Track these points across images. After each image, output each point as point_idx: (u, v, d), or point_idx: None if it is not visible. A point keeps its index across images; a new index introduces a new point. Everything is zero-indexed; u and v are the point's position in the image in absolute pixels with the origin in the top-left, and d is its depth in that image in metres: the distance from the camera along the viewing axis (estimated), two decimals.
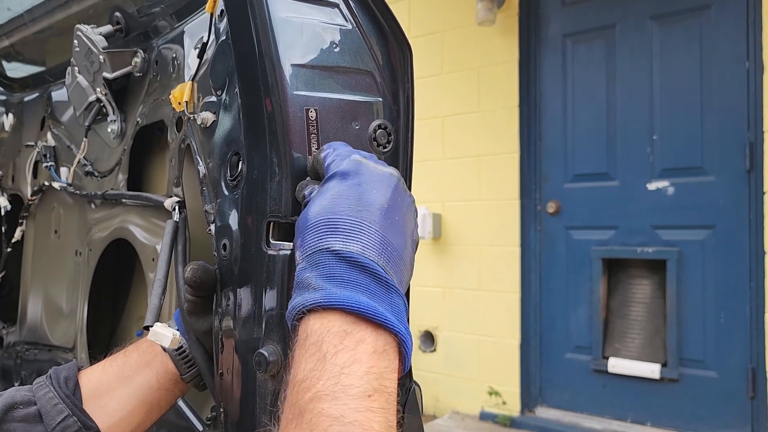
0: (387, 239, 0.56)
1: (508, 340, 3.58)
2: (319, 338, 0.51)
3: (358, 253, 0.54)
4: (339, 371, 0.49)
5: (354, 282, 0.53)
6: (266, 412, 0.67)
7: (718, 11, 3.03)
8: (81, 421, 0.70)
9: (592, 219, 3.39)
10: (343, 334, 0.51)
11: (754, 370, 2.93)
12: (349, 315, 0.52)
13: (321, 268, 0.54)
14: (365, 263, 0.54)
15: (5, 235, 1.62)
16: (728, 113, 3.01)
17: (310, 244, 0.55)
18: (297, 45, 0.66)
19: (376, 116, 0.70)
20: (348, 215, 0.56)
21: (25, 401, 0.70)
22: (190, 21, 0.97)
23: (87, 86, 1.16)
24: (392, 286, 0.55)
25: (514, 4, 3.53)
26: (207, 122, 0.78)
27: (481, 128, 3.66)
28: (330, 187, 0.59)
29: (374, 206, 0.57)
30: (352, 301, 0.52)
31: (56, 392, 0.71)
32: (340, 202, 0.57)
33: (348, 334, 0.51)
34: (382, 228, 0.56)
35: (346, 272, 0.53)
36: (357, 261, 0.54)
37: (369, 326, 0.52)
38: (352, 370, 0.49)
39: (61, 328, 1.40)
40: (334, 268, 0.54)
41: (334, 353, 0.50)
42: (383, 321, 0.52)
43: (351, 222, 0.55)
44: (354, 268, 0.54)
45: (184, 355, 0.78)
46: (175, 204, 0.89)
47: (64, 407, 0.70)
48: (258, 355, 0.65)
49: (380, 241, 0.56)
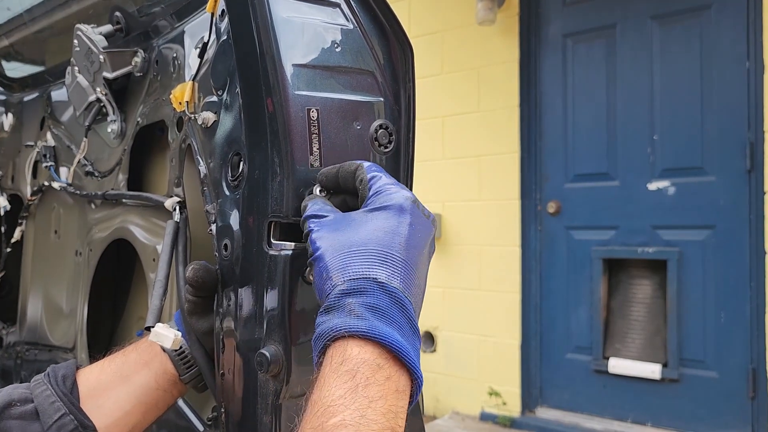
0: (420, 284, 0.58)
1: (508, 340, 3.58)
2: (354, 367, 0.52)
3: (399, 291, 0.55)
4: (367, 404, 0.50)
5: (393, 319, 0.54)
6: (267, 412, 0.67)
7: (719, 11, 3.03)
8: (78, 419, 0.70)
9: (592, 219, 3.38)
10: (376, 368, 0.52)
11: (754, 371, 2.93)
12: (384, 350, 0.53)
13: (365, 297, 0.54)
14: (404, 302, 0.55)
15: (5, 235, 1.61)
16: (728, 113, 3.01)
17: (357, 270, 0.56)
18: (298, 45, 0.66)
19: (378, 116, 0.70)
20: (398, 252, 0.57)
21: (23, 399, 0.70)
22: (191, 21, 0.97)
23: (87, 86, 1.16)
24: (417, 330, 0.57)
25: (515, 4, 3.53)
26: (208, 122, 0.78)
27: (481, 128, 3.66)
28: (383, 217, 0.59)
29: (418, 250, 0.59)
30: (393, 338, 0.53)
31: (54, 390, 0.71)
32: (394, 238, 0.57)
33: (380, 368, 0.52)
34: (419, 272, 0.58)
35: (388, 307, 0.54)
36: (398, 298, 0.55)
37: (396, 364, 0.54)
38: (378, 405, 0.50)
39: (61, 328, 1.39)
40: (379, 300, 0.54)
41: (365, 385, 0.51)
42: (409, 363, 0.54)
43: (400, 259, 0.57)
44: (395, 305, 0.55)
45: (184, 356, 0.78)
46: (175, 204, 0.89)
47: (61, 405, 0.70)
48: (259, 355, 0.64)
49: (416, 284, 0.57)
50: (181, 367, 0.78)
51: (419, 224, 0.60)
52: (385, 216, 0.59)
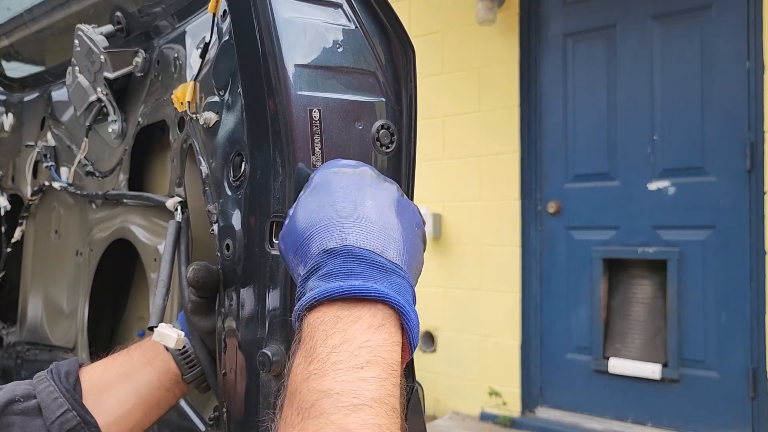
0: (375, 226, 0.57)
1: (508, 340, 3.58)
2: (312, 329, 0.52)
3: (353, 245, 0.55)
4: (329, 352, 0.50)
5: (348, 272, 0.54)
6: (269, 411, 0.67)
7: (719, 11, 3.03)
8: (80, 415, 0.70)
9: (592, 219, 3.38)
10: (335, 320, 0.52)
11: (754, 371, 2.93)
12: (344, 302, 0.53)
13: (319, 270, 0.55)
14: (359, 253, 0.55)
15: (5, 235, 1.61)
16: (729, 113, 3.01)
17: (305, 253, 0.57)
18: (300, 45, 0.66)
19: (379, 116, 0.70)
20: (328, 217, 0.57)
21: (26, 395, 0.70)
22: (192, 21, 0.97)
23: (88, 86, 1.16)
24: (390, 269, 0.55)
25: (515, 4, 3.53)
26: (210, 122, 0.78)
27: (481, 128, 3.66)
28: (300, 200, 0.61)
29: (352, 201, 0.59)
30: (344, 287, 0.53)
31: (56, 386, 0.71)
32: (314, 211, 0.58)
33: (341, 318, 0.52)
34: (367, 217, 0.58)
35: (341, 266, 0.54)
36: (352, 253, 0.55)
37: (365, 306, 0.53)
38: (342, 348, 0.50)
39: (62, 328, 1.39)
40: (331, 266, 0.54)
41: (324, 338, 0.51)
42: (377, 296, 0.53)
43: (333, 221, 0.57)
44: (349, 260, 0.54)
45: (187, 356, 0.78)
46: (177, 204, 0.89)
47: (63, 401, 0.70)
48: (261, 355, 0.65)
49: (369, 229, 0.57)
50: (184, 367, 0.78)
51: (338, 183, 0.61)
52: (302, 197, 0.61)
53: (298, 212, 0.60)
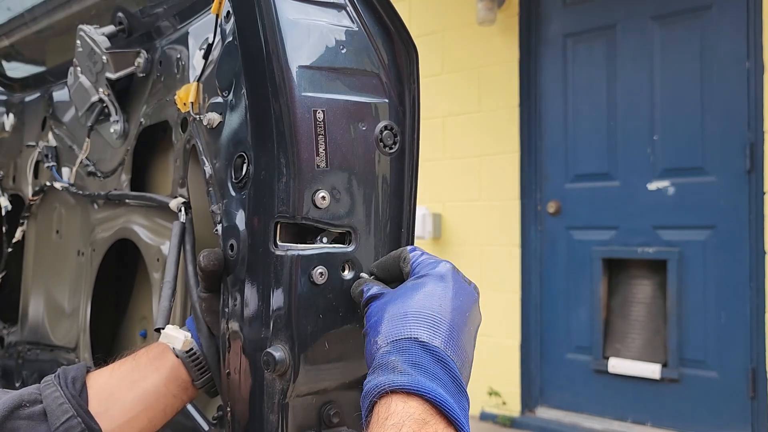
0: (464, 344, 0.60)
1: (508, 340, 3.58)
2: (399, 421, 0.53)
3: (441, 350, 0.57)
4: None
5: (436, 375, 0.55)
6: (274, 411, 0.67)
7: (719, 11, 3.04)
8: (85, 422, 0.70)
9: (592, 219, 3.39)
10: (422, 423, 0.53)
11: (754, 371, 2.93)
12: (429, 406, 0.54)
13: (407, 355, 0.56)
14: (446, 360, 0.57)
15: (6, 235, 1.61)
16: (729, 113, 3.01)
17: (397, 331, 0.58)
18: (305, 46, 0.67)
19: (383, 117, 0.70)
20: (438, 312, 0.59)
21: (32, 400, 0.70)
22: (194, 22, 0.97)
23: (89, 86, 1.16)
24: (464, 390, 0.57)
25: (515, 4, 3.53)
26: (213, 123, 0.78)
27: (481, 128, 3.66)
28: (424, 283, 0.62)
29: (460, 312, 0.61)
30: (437, 393, 0.54)
31: (63, 392, 0.71)
32: (433, 300, 0.60)
33: (426, 423, 0.53)
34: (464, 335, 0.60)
35: (430, 364, 0.56)
36: (440, 357, 0.56)
37: (443, 421, 0.54)
38: None
39: (63, 327, 1.39)
40: (421, 358, 0.56)
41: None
42: (455, 419, 0.54)
43: (439, 319, 0.59)
44: (437, 363, 0.56)
45: (196, 360, 0.78)
46: (180, 205, 0.89)
47: (69, 407, 0.70)
48: (266, 354, 0.65)
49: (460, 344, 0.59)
50: (195, 372, 0.77)
51: (461, 289, 0.63)
52: (428, 283, 0.62)
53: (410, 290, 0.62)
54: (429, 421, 0.53)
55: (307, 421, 0.70)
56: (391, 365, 0.56)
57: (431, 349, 0.56)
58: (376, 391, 0.55)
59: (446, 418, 0.54)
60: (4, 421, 0.66)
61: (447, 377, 0.56)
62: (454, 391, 0.56)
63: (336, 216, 0.69)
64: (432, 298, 0.60)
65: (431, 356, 0.56)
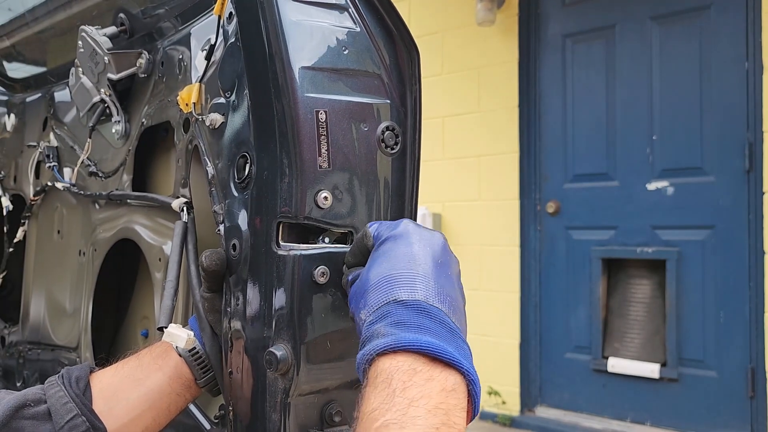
0: (445, 290, 0.60)
1: (507, 339, 3.59)
2: (388, 375, 0.53)
3: (423, 301, 0.57)
4: (408, 404, 0.51)
5: (423, 326, 0.56)
6: (276, 410, 0.67)
7: (718, 11, 3.04)
8: (89, 421, 0.70)
9: (591, 219, 3.39)
10: (412, 372, 0.53)
11: (753, 370, 2.94)
12: (419, 355, 0.54)
13: (389, 317, 0.56)
14: (431, 310, 0.57)
15: (8, 235, 1.61)
16: (728, 113, 3.02)
17: (376, 300, 0.58)
18: (307, 47, 0.67)
19: (384, 118, 0.71)
20: (407, 269, 0.59)
21: (36, 399, 0.70)
22: (196, 23, 0.97)
23: (91, 87, 1.16)
24: (457, 331, 0.57)
25: (514, 4, 3.54)
26: (216, 123, 0.79)
27: (481, 128, 3.67)
28: (384, 249, 0.62)
29: (428, 261, 0.61)
30: (421, 341, 0.54)
31: (67, 391, 0.71)
32: (400, 260, 0.60)
33: (417, 372, 0.53)
34: (439, 280, 0.60)
35: (413, 318, 0.56)
36: (423, 308, 0.57)
37: (438, 366, 0.54)
38: (421, 403, 0.51)
39: (64, 327, 1.40)
40: (402, 316, 0.56)
41: (403, 388, 0.52)
42: (451, 360, 0.54)
43: (411, 275, 0.59)
44: (421, 314, 0.56)
45: (200, 360, 0.78)
46: (183, 205, 0.89)
47: (73, 406, 0.70)
48: (268, 353, 0.65)
49: (440, 290, 0.59)
50: (197, 371, 0.78)
51: (424, 240, 0.63)
52: (390, 246, 0.62)
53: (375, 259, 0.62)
54: (419, 369, 0.53)
55: (309, 420, 0.70)
56: (375, 333, 0.56)
57: (412, 305, 0.57)
58: (365, 360, 0.56)
59: (441, 362, 0.54)
60: (9, 420, 0.66)
61: (435, 325, 0.56)
62: (446, 335, 0.56)
63: (338, 216, 0.69)
64: (398, 258, 0.61)
65: (414, 311, 0.56)
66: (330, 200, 0.68)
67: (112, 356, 0.83)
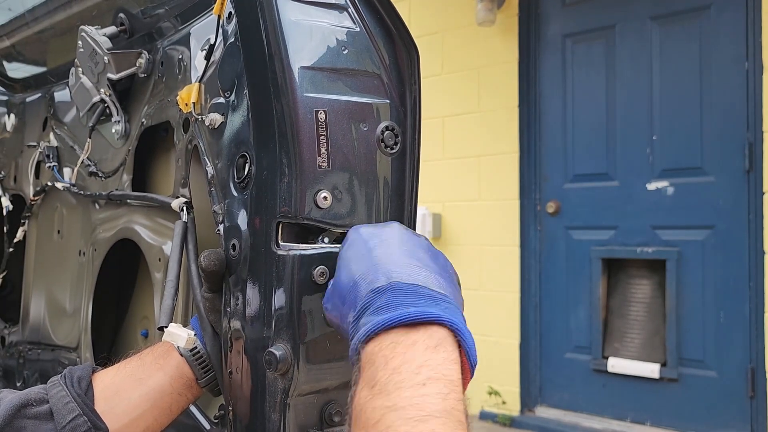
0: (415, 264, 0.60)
1: (508, 339, 3.59)
2: (371, 358, 0.54)
3: (397, 281, 0.58)
4: (390, 373, 0.52)
5: (398, 303, 0.56)
6: (275, 410, 0.67)
7: (718, 12, 3.04)
8: (91, 420, 0.71)
9: (591, 219, 3.39)
10: (394, 345, 0.54)
11: (753, 370, 2.94)
12: (398, 328, 0.55)
13: (367, 309, 0.57)
14: (405, 287, 0.57)
15: (7, 235, 1.61)
16: (728, 113, 3.02)
17: (354, 298, 0.59)
18: (306, 47, 0.67)
19: (384, 118, 0.71)
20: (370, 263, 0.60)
21: (38, 399, 0.71)
22: (196, 23, 0.97)
23: (91, 87, 1.16)
24: (438, 297, 0.58)
25: (514, 5, 3.54)
26: (215, 123, 0.79)
27: (481, 128, 3.67)
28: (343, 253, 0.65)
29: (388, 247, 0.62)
30: (394, 316, 0.55)
31: (68, 391, 0.72)
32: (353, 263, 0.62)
33: (399, 343, 0.54)
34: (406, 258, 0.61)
35: (390, 299, 0.57)
36: (398, 288, 0.57)
37: (419, 329, 0.55)
38: (404, 369, 0.52)
39: (65, 327, 1.40)
40: (377, 301, 0.57)
41: (384, 363, 0.53)
42: (430, 317, 0.55)
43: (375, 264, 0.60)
44: (397, 294, 0.57)
45: (201, 359, 0.78)
46: (182, 205, 0.89)
47: (75, 406, 0.70)
48: (268, 353, 0.65)
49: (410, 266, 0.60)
50: (198, 371, 0.78)
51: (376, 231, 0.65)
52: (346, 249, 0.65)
53: (341, 268, 0.64)
54: (400, 340, 0.54)
55: (308, 420, 0.70)
56: (358, 328, 0.57)
57: (384, 288, 0.57)
58: (354, 355, 0.57)
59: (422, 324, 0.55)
60: (11, 420, 0.66)
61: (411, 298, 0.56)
62: (427, 302, 0.56)
63: (337, 216, 0.70)
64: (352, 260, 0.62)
65: (389, 294, 0.57)
66: (329, 200, 0.68)
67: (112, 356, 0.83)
